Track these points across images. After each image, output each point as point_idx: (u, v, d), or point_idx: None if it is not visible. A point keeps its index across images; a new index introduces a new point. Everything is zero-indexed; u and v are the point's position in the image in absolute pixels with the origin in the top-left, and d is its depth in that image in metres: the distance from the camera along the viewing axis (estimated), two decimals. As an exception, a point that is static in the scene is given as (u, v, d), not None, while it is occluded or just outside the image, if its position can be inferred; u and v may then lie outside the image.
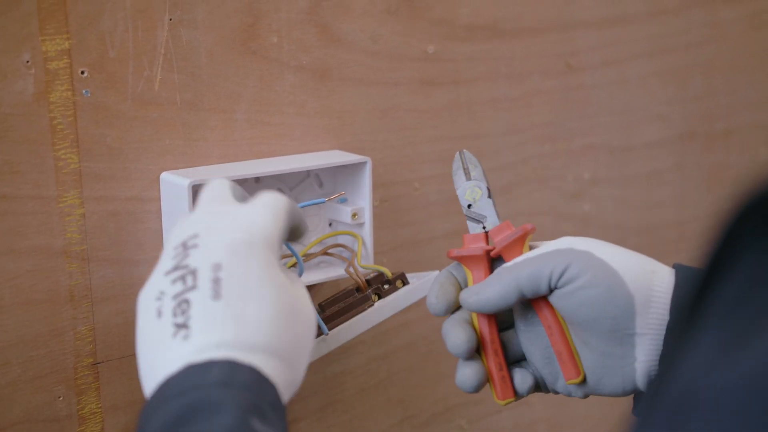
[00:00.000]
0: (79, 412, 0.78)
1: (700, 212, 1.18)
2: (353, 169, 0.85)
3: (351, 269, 0.82)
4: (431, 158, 0.94)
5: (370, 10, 0.87)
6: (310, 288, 0.88)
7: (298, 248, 0.83)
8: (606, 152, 1.08)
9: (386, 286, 0.82)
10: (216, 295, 0.56)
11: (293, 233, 0.64)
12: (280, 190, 0.84)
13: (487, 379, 0.70)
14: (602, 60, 1.06)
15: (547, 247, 0.68)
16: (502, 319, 0.71)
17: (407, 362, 0.97)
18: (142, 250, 0.79)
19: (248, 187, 0.83)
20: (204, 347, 0.55)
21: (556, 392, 0.71)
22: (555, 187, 1.05)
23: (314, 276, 0.84)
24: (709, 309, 0.34)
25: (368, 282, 0.82)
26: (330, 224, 0.88)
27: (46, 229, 0.74)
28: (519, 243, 0.69)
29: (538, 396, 0.77)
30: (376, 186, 0.89)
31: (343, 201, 0.86)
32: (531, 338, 0.70)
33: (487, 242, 0.70)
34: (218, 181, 0.65)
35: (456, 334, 0.68)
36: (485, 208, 0.70)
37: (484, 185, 0.70)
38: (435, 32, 0.92)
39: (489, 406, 1.03)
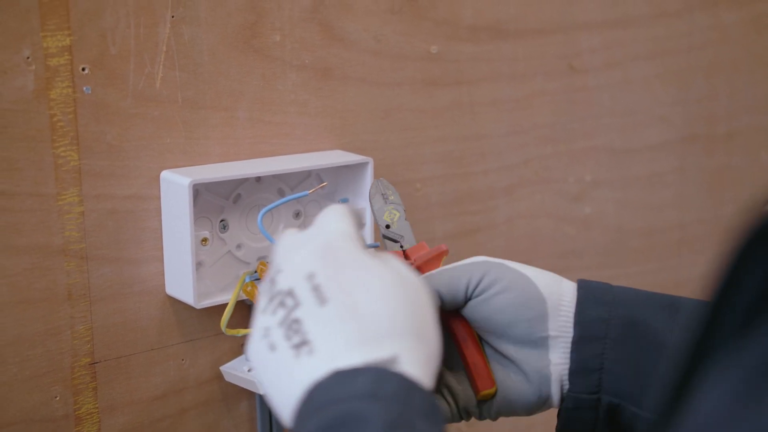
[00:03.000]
0: (76, 413, 0.77)
1: (701, 215, 1.18)
2: (355, 169, 0.84)
3: (352, 270, 0.81)
4: (433, 159, 0.93)
5: (373, 10, 0.87)
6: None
7: None
8: (608, 154, 1.08)
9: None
10: (322, 301, 0.54)
11: None
12: (281, 189, 0.84)
13: None
14: (605, 62, 1.05)
15: (462, 261, 0.69)
16: None
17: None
18: (142, 248, 0.78)
19: (249, 186, 0.82)
20: (333, 355, 0.52)
21: (468, 414, 0.69)
22: (556, 189, 1.04)
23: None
24: (718, 339, 0.33)
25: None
26: (330, 224, 0.87)
27: (45, 227, 0.74)
28: (436, 260, 0.71)
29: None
30: (378, 186, 0.88)
31: (345, 201, 0.86)
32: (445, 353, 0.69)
33: (405, 259, 0.72)
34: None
35: None
36: (403, 229, 0.72)
37: (401, 209, 0.73)
38: (438, 32, 0.91)
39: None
